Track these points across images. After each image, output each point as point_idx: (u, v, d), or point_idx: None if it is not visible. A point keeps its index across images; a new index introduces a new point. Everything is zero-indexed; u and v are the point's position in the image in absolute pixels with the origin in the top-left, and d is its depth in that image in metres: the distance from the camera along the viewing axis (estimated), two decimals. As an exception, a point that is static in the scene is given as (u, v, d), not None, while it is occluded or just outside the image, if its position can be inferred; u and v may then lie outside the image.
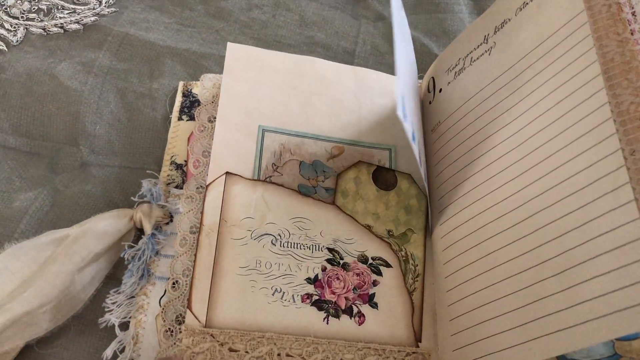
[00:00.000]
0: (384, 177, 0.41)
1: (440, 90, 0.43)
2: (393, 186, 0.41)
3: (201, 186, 0.39)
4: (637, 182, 0.25)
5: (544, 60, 0.33)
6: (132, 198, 0.39)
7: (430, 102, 0.44)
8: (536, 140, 0.32)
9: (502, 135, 0.35)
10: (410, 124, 0.34)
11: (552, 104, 0.31)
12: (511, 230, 0.32)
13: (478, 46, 0.39)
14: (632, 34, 0.29)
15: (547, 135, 0.31)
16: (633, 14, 0.29)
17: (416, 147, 0.35)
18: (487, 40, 0.39)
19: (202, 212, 0.37)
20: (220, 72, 0.47)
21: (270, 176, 0.39)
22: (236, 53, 0.43)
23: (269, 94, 0.43)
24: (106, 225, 0.37)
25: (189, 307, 0.34)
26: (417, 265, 0.39)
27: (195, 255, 0.36)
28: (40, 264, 0.35)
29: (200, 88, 0.44)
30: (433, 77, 0.44)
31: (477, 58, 0.39)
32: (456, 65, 0.41)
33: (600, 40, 0.29)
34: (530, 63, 0.34)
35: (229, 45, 0.43)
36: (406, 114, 0.33)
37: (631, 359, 0.29)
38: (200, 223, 0.37)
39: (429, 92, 0.45)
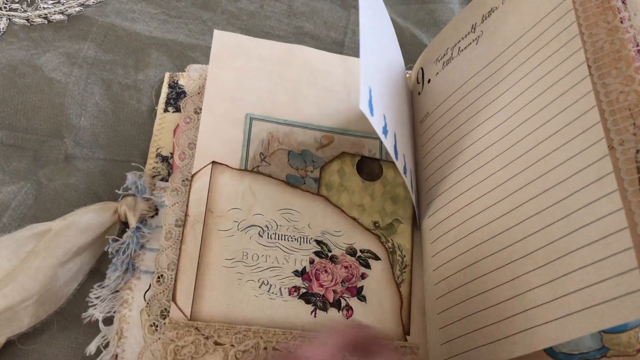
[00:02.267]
0: (369, 168, 0.41)
1: (429, 81, 0.42)
2: (378, 176, 0.41)
3: (187, 179, 0.38)
4: (626, 173, 0.25)
5: (530, 49, 0.32)
6: (116, 191, 0.39)
7: (419, 93, 0.43)
8: (522, 130, 0.31)
9: (489, 125, 0.34)
10: (381, 117, 0.33)
11: (537, 93, 0.31)
12: (497, 222, 0.31)
13: (466, 35, 0.39)
14: (621, 22, 0.28)
15: (532, 125, 0.31)
16: (623, 1, 0.29)
17: (388, 141, 0.34)
18: (474, 29, 0.38)
19: (187, 203, 0.36)
20: (207, 63, 0.46)
21: (258, 166, 0.39)
22: (223, 41, 0.42)
23: (256, 83, 0.42)
24: (90, 219, 0.36)
25: (174, 299, 0.34)
26: (404, 256, 0.38)
27: (180, 246, 0.35)
28: (21, 259, 0.34)
29: (187, 79, 0.44)
30: (422, 68, 0.44)
31: (465, 47, 0.38)
32: (444, 55, 0.41)
33: (589, 28, 0.29)
34: (516, 52, 0.33)
35: (216, 32, 0.43)
36: (373, 107, 0.31)
37: (619, 351, 0.29)
38: (186, 214, 0.36)
39: (418, 83, 0.44)
